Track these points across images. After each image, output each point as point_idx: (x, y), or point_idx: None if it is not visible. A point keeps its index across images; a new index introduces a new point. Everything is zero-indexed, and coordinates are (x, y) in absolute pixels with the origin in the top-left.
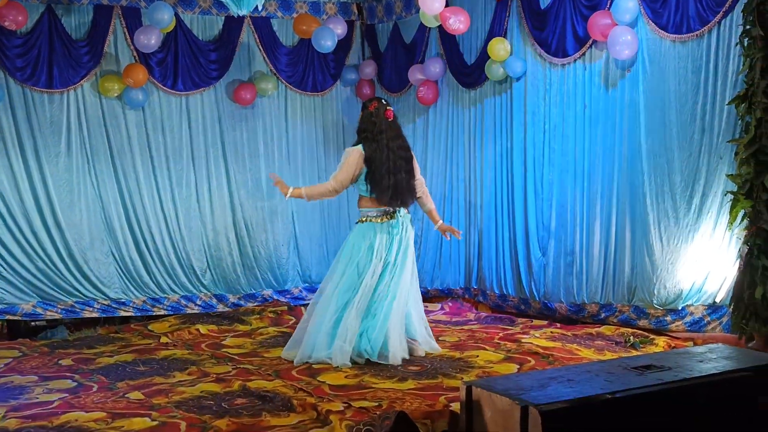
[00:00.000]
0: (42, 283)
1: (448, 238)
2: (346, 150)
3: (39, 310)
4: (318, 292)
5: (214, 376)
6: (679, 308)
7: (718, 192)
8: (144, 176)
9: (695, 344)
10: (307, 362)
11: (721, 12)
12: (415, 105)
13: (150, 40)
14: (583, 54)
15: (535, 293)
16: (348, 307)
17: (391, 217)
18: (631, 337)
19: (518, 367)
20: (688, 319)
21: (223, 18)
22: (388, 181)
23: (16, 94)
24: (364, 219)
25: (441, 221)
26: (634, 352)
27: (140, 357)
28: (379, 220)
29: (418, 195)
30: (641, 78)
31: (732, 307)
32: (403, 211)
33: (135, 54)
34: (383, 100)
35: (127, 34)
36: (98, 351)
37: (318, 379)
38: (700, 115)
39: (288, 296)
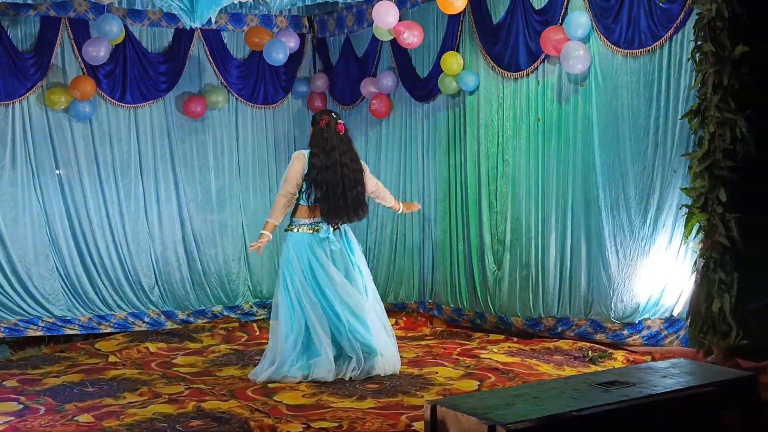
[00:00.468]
0: None
1: (415, 209)
2: (294, 153)
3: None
4: (273, 310)
5: (167, 396)
6: (636, 322)
7: (672, 205)
8: (91, 190)
9: (653, 358)
10: (273, 380)
11: (672, 28)
12: (367, 118)
13: (99, 52)
14: (536, 68)
15: (491, 307)
16: (313, 320)
17: (319, 229)
18: (590, 352)
19: (479, 383)
20: (645, 332)
21: (173, 30)
22: (345, 201)
23: None
24: (296, 228)
25: (400, 204)
26: (594, 367)
27: (88, 377)
28: (309, 231)
29: (374, 196)
30: (594, 92)
31: (689, 320)
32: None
33: (83, 66)
34: (333, 114)
35: (74, 46)
36: (44, 371)
37: (274, 398)
38: (653, 129)
39: (239, 312)
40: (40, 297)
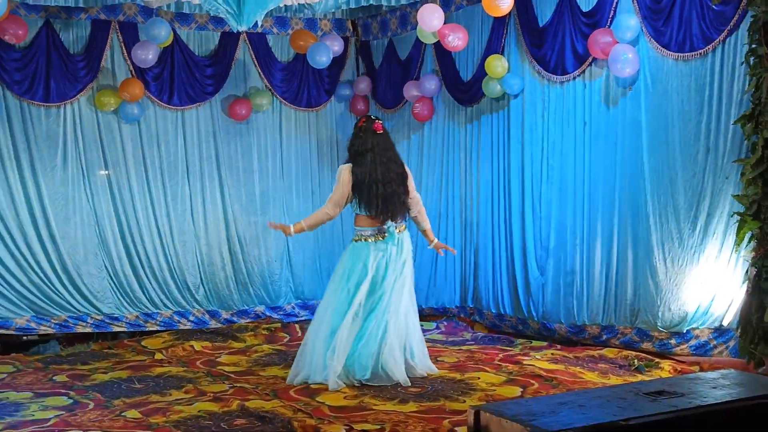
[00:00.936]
0: (35, 296)
1: (443, 254)
2: (338, 169)
3: (33, 325)
4: (315, 314)
5: (211, 394)
6: (684, 331)
7: (723, 213)
8: (138, 190)
9: (702, 369)
10: (305, 383)
11: (725, 30)
12: (410, 121)
13: (147, 55)
14: (583, 71)
15: (534, 313)
16: (341, 328)
17: (386, 235)
18: (636, 361)
19: (522, 390)
20: (693, 342)
21: (219, 33)
22: (376, 190)
23: (14, 107)
24: (358, 238)
25: (436, 240)
26: (640, 377)
27: (135, 374)
28: (373, 239)
29: (413, 214)
30: (643, 96)
31: (739, 330)
32: (397, 227)
33: (132, 69)
34: (371, 116)
35: (124, 48)
36: (92, 367)
37: (317, 399)
38: (704, 134)
39: (281, 313)
40: (89, 294)
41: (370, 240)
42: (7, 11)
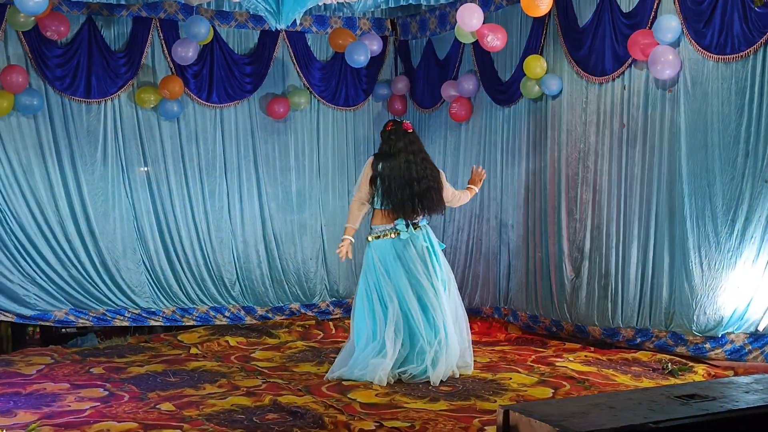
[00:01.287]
0: (74, 290)
1: (483, 174)
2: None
3: (71, 318)
4: (352, 311)
5: (245, 389)
6: (719, 336)
7: (762, 217)
8: (177, 187)
9: (736, 373)
10: (344, 378)
11: (767, 33)
12: (447, 121)
13: (187, 52)
14: (622, 73)
15: (568, 315)
16: (386, 324)
17: (399, 233)
18: (669, 364)
19: (553, 391)
20: (728, 347)
21: (258, 32)
22: (411, 191)
23: (55, 103)
24: (375, 236)
25: (473, 187)
26: (673, 380)
27: (170, 367)
28: (393, 236)
29: (452, 204)
30: (682, 98)
31: None
32: (414, 225)
33: (171, 66)
34: (397, 119)
35: (164, 46)
36: (129, 360)
37: (348, 396)
38: (744, 137)
39: (315, 310)
40: (126, 288)
41: (388, 236)
42: (48, 7)
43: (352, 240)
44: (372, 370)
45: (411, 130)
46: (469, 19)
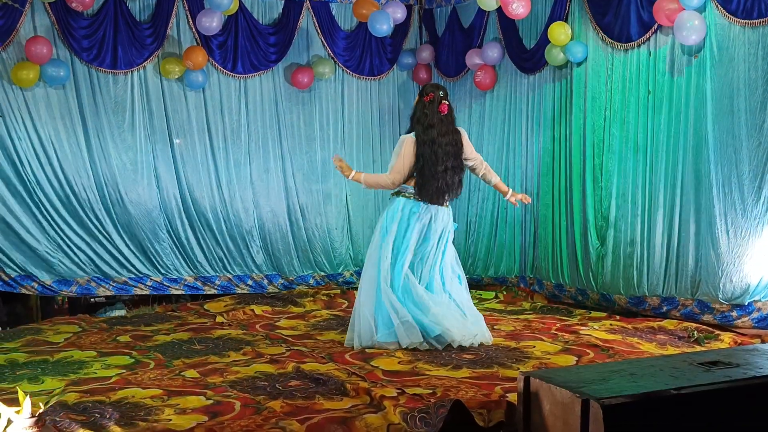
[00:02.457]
0: (98, 257)
1: (517, 205)
2: (400, 138)
3: (93, 285)
4: (362, 274)
5: (268, 357)
6: (746, 304)
7: None
8: (202, 157)
9: (763, 341)
10: (368, 347)
11: None
12: (472, 90)
13: (212, 22)
14: (648, 39)
15: (593, 284)
16: (395, 289)
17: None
18: (695, 332)
19: (577, 359)
20: (755, 315)
21: (283, 2)
22: (436, 183)
23: (81, 74)
24: (401, 194)
25: (510, 190)
26: (699, 348)
27: (196, 336)
28: (414, 197)
29: (479, 174)
30: (708, 64)
31: None
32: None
33: (196, 36)
34: (441, 92)
35: (189, 16)
36: (155, 329)
37: (371, 363)
38: None
39: (340, 280)
40: (151, 256)
41: (411, 197)
42: None
43: (352, 174)
44: (405, 335)
45: (446, 113)
46: None
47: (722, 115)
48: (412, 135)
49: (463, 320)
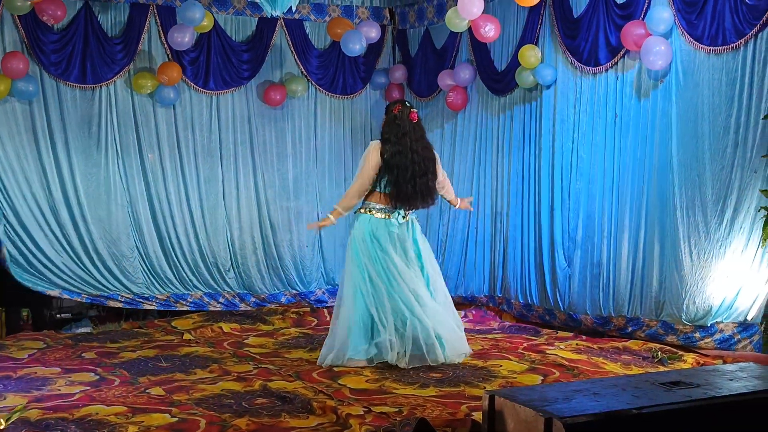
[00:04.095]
0: (67, 276)
1: (471, 209)
2: (369, 144)
3: (65, 297)
4: (338, 293)
5: (235, 374)
6: (709, 325)
7: (751, 207)
8: (172, 173)
9: (725, 362)
10: (338, 365)
11: (758, 25)
12: (444, 110)
13: (184, 38)
14: (616, 63)
15: (561, 304)
16: (375, 305)
17: (391, 216)
18: (659, 353)
19: (542, 378)
20: (717, 336)
21: (256, 19)
22: (413, 187)
23: (50, 88)
24: (367, 210)
25: (458, 199)
26: (662, 368)
27: (163, 353)
28: (383, 216)
29: (440, 187)
30: (674, 89)
31: (763, 325)
32: (405, 215)
33: (168, 52)
34: (407, 103)
35: (161, 32)
36: (121, 345)
37: (339, 382)
38: (734, 128)
39: (311, 298)
40: (119, 274)
41: (379, 215)
42: None
43: (334, 222)
44: (379, 352)
45: (416, 120)
46: (470, 7)
47: (687, 139)
48: (376, 141)
49: (460, 332)
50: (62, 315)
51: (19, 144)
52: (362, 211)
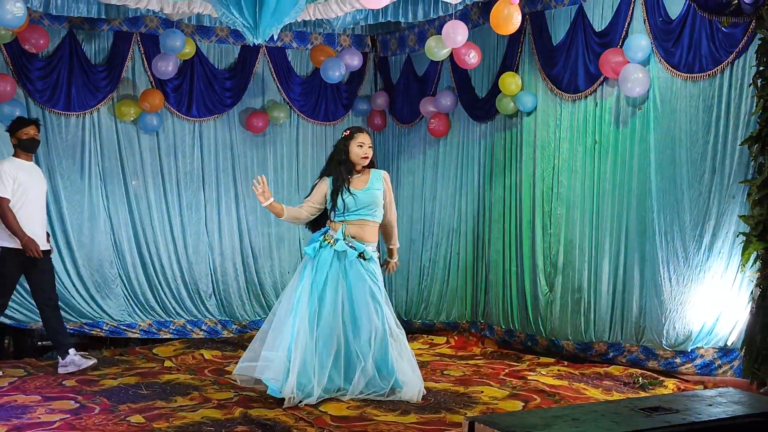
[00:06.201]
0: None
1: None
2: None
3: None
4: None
5: (216, 402)
6: (689, 350)
7: (729, 232)
8: (155, 200)
9: (705, 387)
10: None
11: (734, 52)
12: (426, 137)
13: (167, 66)
14: (595, 90)
15: (542, 329)
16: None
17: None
18: (640, 378)
19: (523, 404)
20: (698, 361)
21: (239, 47)
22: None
23: (35, 114)
24: (321, 236)
25: (395, 256)
26: (643, 394)
27: (143, 380)
28: (333, 243)
29: (387, 226)
30: (652, 116)
31: (744, 351)
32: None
33: (152, 80)
34: (364, 130)
35: (145, 60)
36: (102, 373)
37: (320, 409)
38: (711, 154)
39: None
40: (102, 302)
41: (330, 240)
42: (26, 21)
43: (269, 202)
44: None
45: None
46: (454, 35)
47: (665, 165)
48: (325, 178)
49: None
50: (44, 342)
51: None
52: (316, 231)
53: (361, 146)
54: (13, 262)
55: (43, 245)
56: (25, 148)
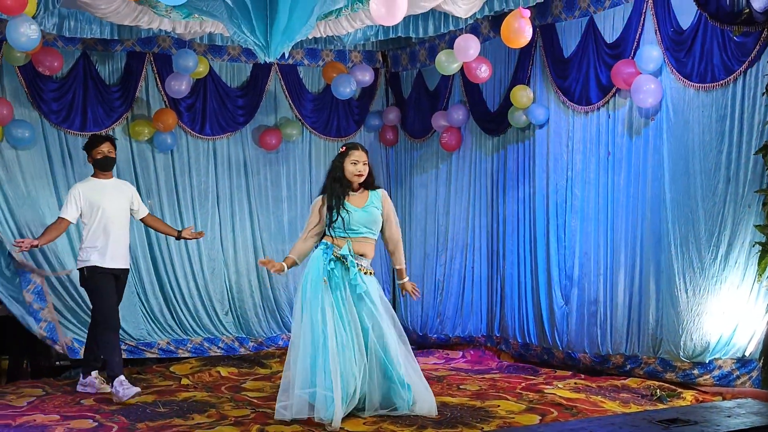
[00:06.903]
0: (69, 322)
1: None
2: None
3: (76, 346)
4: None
5: (233, 419)
6: (707, 361)
7: (745, 242)
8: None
9: (724, 399)
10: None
11: (746, 62)
12: (438, 151)
13: (181, 86)
14: (607, 102)
15: (559, 343)
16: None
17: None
18: (658, 391)
19: (540, 418)
20: (716, 372)
21: (251, 65)
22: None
23: (51, 136)
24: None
25: (406, 278)
26: (661, 406)
27: (161, 398)
28: (344, 261)
29: (391, 244)
30: (665, 126)
31: (762, 361)
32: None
33: (165, 99)
34: (359, 147)
35: (158, 79)
36: None
37: None
38: (725, 164)
39: None
40: (121, 321)
41: (327, 252)
42: (40, 44)
43: (286, 268)
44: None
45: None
46: (466, 49)
47: (679, 176)
48: (320, 197)
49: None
50: (61, 362)
51: (24, 190)
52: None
53: (355, 164)
54: (102, 275)
55: (124, 264)
56: (101, 166)
